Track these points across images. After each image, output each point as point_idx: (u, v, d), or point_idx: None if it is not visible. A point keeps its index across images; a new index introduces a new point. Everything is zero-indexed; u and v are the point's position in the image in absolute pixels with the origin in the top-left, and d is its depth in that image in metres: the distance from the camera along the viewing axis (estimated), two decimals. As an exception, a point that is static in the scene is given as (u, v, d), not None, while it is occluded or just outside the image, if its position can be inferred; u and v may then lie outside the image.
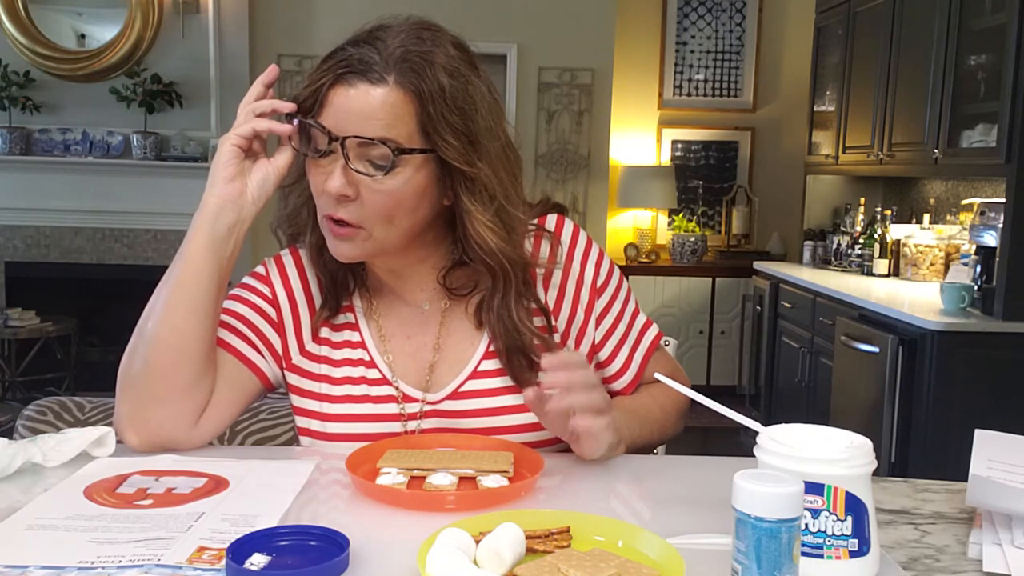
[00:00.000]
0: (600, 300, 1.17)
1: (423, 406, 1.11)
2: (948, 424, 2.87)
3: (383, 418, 1.11)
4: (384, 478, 0.94)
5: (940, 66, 3.35)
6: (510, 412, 1.10)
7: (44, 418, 1.59)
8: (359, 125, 0.97)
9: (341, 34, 1.04)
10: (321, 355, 1.14)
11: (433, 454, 1.00)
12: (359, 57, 0.98)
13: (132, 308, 4.84)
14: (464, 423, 1.10)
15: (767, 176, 5.51)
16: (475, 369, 1.11)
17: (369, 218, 1.01)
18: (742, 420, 0.89)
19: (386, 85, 0.97)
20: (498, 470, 0.96)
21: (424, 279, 1.14)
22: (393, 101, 0.97)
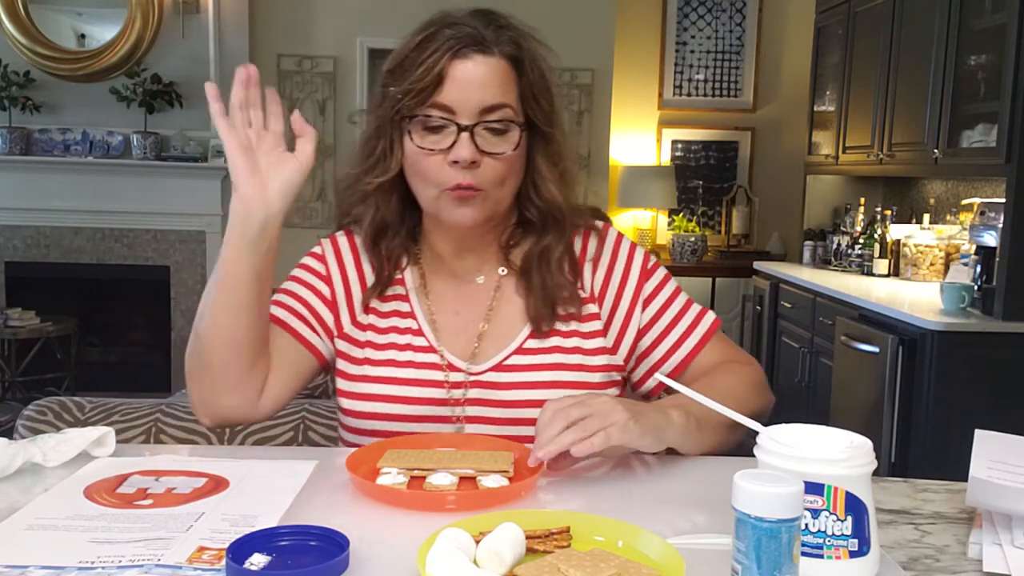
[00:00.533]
0: (648, 283, 1.22)
1: (467, 376, 1.15)
2: (948, 424, 2.87)
3: (426, 383, 1.15)
4: (384, 478, 0.94)
5: (940, 66, 3.35)
6: (550, 387, 1.13)
7: (44, 418, 1.59)
8: (481, 94, 1.06)
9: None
10: (368, 323, 1.19)
11: (433, 454, 1.00)
12: (468, 32, 1.07)
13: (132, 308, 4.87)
14: (504, 395, 1.14)
15: (767, 176, 5.51)
16: (520, 345, 1.16)
17: (488, 181, 1.09)
18: (742, 420, 0.89)
19: (495, 55, 1.08)
20: (498, 470, 0.96)
21: (484, 255, 1.20)
22: (503, 69, 1.08)
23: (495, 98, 1.07)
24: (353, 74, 4.91)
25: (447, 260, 1.21)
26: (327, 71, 4.88)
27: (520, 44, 1.10)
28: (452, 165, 1.07)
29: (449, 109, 1.07)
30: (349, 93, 4.93)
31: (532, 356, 1.15)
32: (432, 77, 1.06)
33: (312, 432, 1.64)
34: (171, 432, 1.62)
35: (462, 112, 1.07)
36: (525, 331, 1.17)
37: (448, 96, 1.06)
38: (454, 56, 1.06)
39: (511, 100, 1.09)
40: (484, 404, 1.14)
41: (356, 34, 4.85)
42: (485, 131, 1.08)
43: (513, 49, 1.09)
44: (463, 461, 0.98)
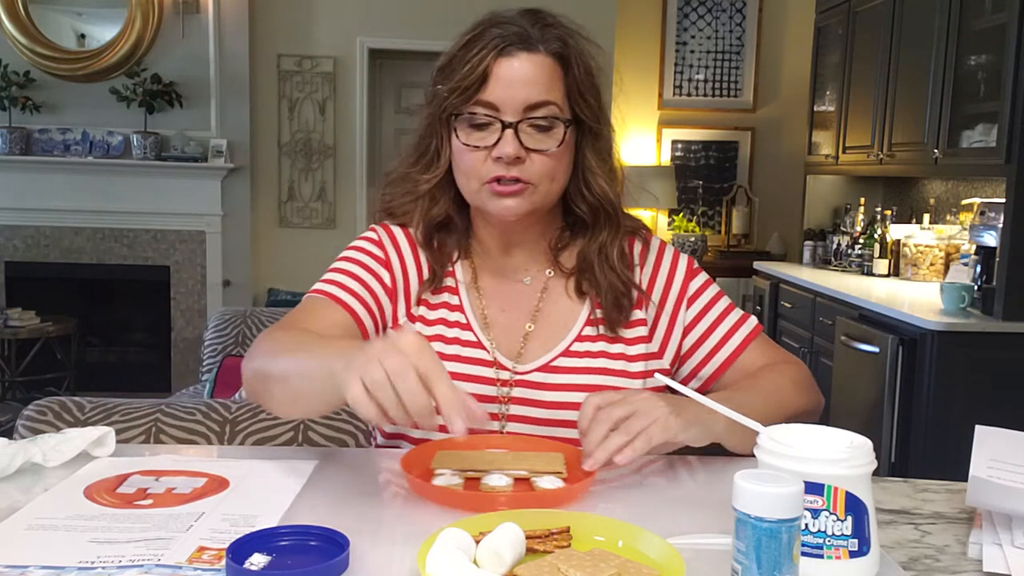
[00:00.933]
0: (693, 283, 1.23)
1: (512, 375, 1.15)
2: (948, 424, 2.87)
3: (473, 379, 1.15)
4: (439, 479, 0.94)
5: (940, 66, 3.35)
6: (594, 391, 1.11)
7: (44, 418, 1.59)
8: (525, 91, 1.07)
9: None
10: (417, 316, 1.19)
11: (484, 455, 1.00)
12: (514, 31, 1.08)
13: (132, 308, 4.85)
14: (548, 396, 1.14)
15: (767, 176, 5.51)
16: (567, 348, 1.16)
17: (537, 175, 1.10)
18: (742, 420, 0.89)
19: (541, 53, 1.09)
20: (551, 471, 0.95)
21: (532, 255, 1.21)
22: (549, 67, 1.09)
23: (539, 95, 1.08)
24: (353, 74, 4.91)
25: (495, 257, 1.21)
26: (327, 71, 4.88)
27: (566, 41, 1.11)
28: (496, 161, 1.08)
29: (493, 106, 1.08)
30: (349, 93, 4.93)
31: (578, 359, 1.16)
32: (477, 75, 1.07)
33: (312, 432, 1.64)
34: (171, 432, 1.62)
35: (506, 109, 1.07)
36: (574, 331, 1.17)
37: (492, 94, 1.07)
38: (499, 54, 1.07)
39: (556, 97, 1.09)
40: (528, 404, 1.14)
41: (356, 34, 4.85)
42: (530, 128, 1.08)
43: (559, 46, 1.10)
44: (515, 462, 0.98)
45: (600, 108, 1.15)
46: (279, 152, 4.95)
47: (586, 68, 1.13)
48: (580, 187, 1.16)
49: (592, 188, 1.16)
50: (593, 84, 1.14)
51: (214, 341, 3.16)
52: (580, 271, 1.19)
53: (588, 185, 1.16)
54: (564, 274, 1.20)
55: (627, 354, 1.17)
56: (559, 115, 1.10)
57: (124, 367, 5.03)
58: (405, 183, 1.20)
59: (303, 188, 4.99)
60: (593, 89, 1.14)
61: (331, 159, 4.97)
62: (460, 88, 1.08)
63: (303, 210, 4.99)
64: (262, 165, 4.94)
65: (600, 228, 1.18)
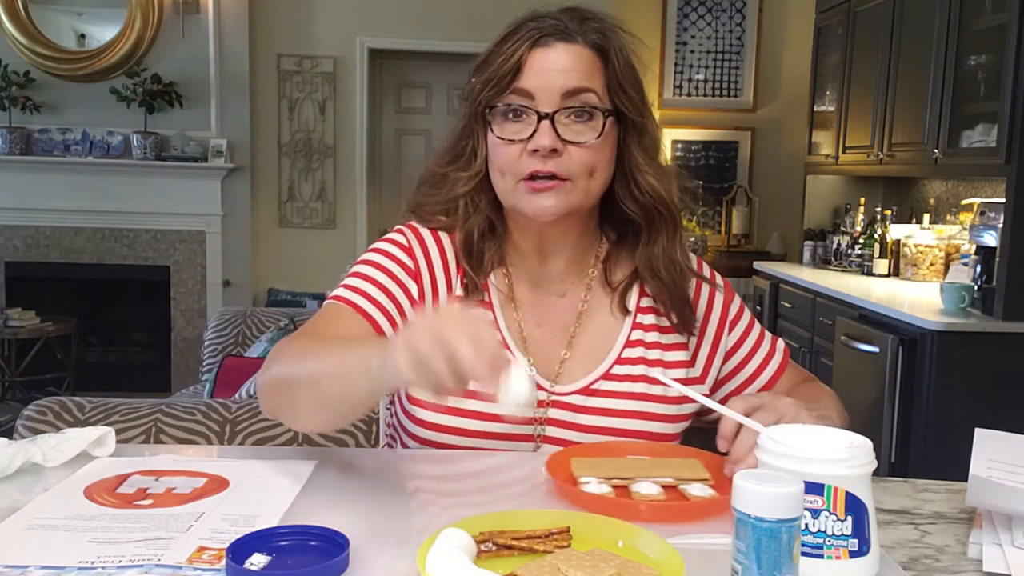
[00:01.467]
0: (732, 306, 1.21)
1: (549, 395, 1.10)
2: (948, 424, 2.87)
3: None
4: (588, 487, 0.92)
5: (940, 66, 3.35)
6: (633, 417, 1.10)
7: (44, 418, 1.59)
8: (562, 79, 1.04)
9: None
10: None
11: (625, 462, 0.99)
12: (551, 23, 1.05)
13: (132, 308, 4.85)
14: (587, 419, 1.10)
15: (767, 176, 5.51)
16: (608, 371, 1.12)
17: (575, 170, 1.05)
18: (743, 420, 0.89)
19: (578, 44, 1.05)
20: (698, 478, 0.94)
21: (570, 262, 1.16)
22: (586, 57, 1.05)
23: (577, 82, 1.04)
24: (353, 74, 4.91)
25: (532, 265, 1.16)
26: (327, 71, 4.88)
27: (606, 34, 1.07)
28: (532, 154, 1.04)
29: (529, 95, 1.04)
30: (349, 93, 4.93)
31: (619, 383, 1.11)
32: (511, 64, 1.04)
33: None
34: (171, 432, 1.62)
35: (542, 99, 1.04)
36: (613, 356, 1.13)
37: (528, 82, 1.04)
38: (535, 44, 1.04)
39: (596, 86, 1.05)
40: (565, 427, 1.10)
41: (356, 34, 4.85)
42: (567, 118, 1.04)
43: (598, 38, 1.06)
44: (657, 469, 0.96)
45: (643, 102, 1.10)
46: (279, 152, 4.95)
47: (627, 61, 1.08)
48: (629, 186, 1.10)
49: (641, 186, 1.10)
50: (635, 77, 1.09)
51: (214, 341, 3.16)
52: (640, 278, 1.14)
53: (637, 184, 1.10)
54: (608, 289, 1.15)
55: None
56: (598, 104, 1.05)
57: (124, 367, 5.03)
58: (442, 184, 1.14)
59: (303, 188, 4.99)
60: (635, 82, 1.09)
61: (331, 159, 4.97)
62: (495, 79, 1.05)
63: (303, 210, 4.99)
64: (262, 165, 4.94)
65: (657, 230, 1.12)
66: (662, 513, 0.88)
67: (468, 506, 0.93)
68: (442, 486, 1.03)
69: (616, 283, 1.15)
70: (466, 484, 1.03)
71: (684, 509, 0.88)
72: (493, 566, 0.71)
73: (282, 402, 0.99)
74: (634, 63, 1.09)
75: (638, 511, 0.87)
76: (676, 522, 0.85)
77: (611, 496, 0.91)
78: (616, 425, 1.09)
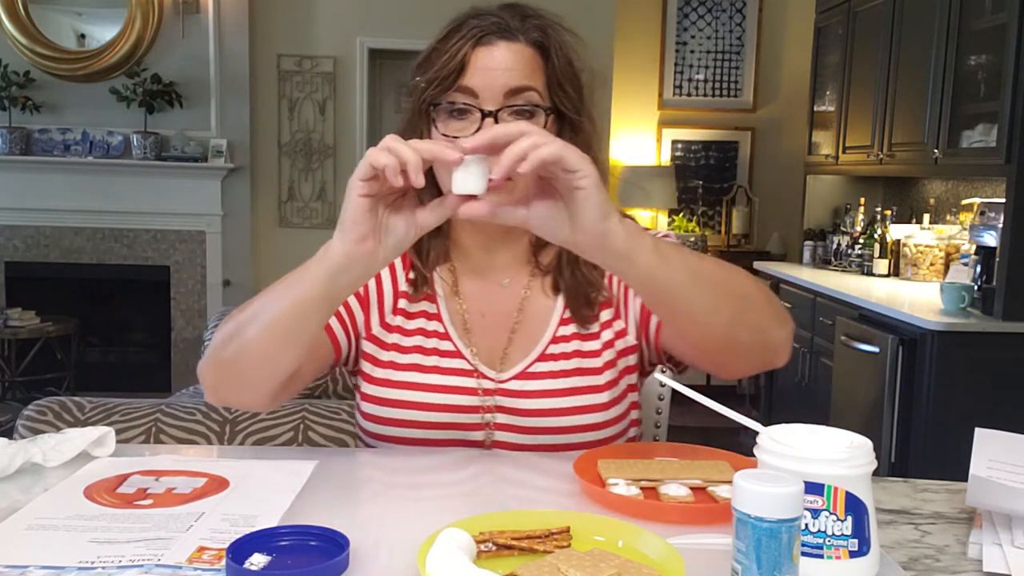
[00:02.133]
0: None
1: (495, 383, 1.13)
2: (948, 424, 2.87)
3: (455, 390, 1.13)
4: (616, 489, 0.92)
5: (940, 66, 3.35)
6: (572, 394, 1.12)
7: (44, 418, 1.59)
8: (505, 77, 1.05)
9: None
10: (395, 325, 1.17)
11: (652, 464, 0.99)
12: (493, 21, 1.07)
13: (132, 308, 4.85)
14: (529, 403, 1.12)
15: (767, 176, 5.51)
16: (543, 352, 1.14)
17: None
18: (742, 420, 0.89)
19: (520, 42, 1.07)
20: (727, 480, 0.94)
21: (514, 254, 1.18)
22: (528, 55, 1.07)
23: (519, 80, 1.05)
24: (353, 74, 4.91)
25: (476, 258, 1.18)
26: (327, 71, 4.88)
27: (546, 31, 1.10)
28: None
29: (473, 93, 1.05)
30: (349, 93, 4.93)
31: (554, 362, 1.14)
32: (455, 63, 1.05)
33: (312, 432, 1.64)
34: (171, 432, 1.62)
35: (486, 97, 1.05)
36: (547, 337, 1.15)
37: (471, 80, 1.05)
38: (477, 43, 1.06)
39: (537, 84, 1.07)
40: (511, 412, 1.12)
41: (356, 34, 4.85)
42: (510, 116, 1.06)
43: (539, 35, 1.09)
44: (686, 471, 0.97)
45: (581, 100, 1.12)
46: (279, 152, 4.95)
47: (567, 59, 1.10)
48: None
49: None
50: (574, 75, 1.11)
51: (214, 341, 3.15)
52: (557, 268, 1.17)
53: None
54: (542, 272, 1.18)
55: (595, 348, 1.15)
56: (540, 103, 1.07)
57: (124, 367, 5.03)
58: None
59: (303, 188, 4.99)
60: (574, 80, 1.11)
61: (331, 159, 4.97)
62: (438, 78, 1.06)
63: (303, 210, 4.99)
64: (262, 165, 4.94)
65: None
66: (692, 515, 0.88)
67: (469, 505, 0.93)
68: (442, 486, 1.03)
69: (545, 266, 1.18)
70: (467, 483, 1.03)
71: (714, 511, 0.88)
72: (493, 566, 0.71)
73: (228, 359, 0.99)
74: (573, 61, 1.11)
75: (668, 514, 0.88)
76: (706, 524, 0.85)
77: (640, 499, 0.91)
78: (555, 405, 1.11)
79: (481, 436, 1.13)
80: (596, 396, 1.12)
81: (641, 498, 0.91)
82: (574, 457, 1.01)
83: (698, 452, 1.05)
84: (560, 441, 1.12)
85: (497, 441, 1.13)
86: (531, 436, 1.12)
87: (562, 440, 1.12)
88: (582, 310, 1.15)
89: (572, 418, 1.11)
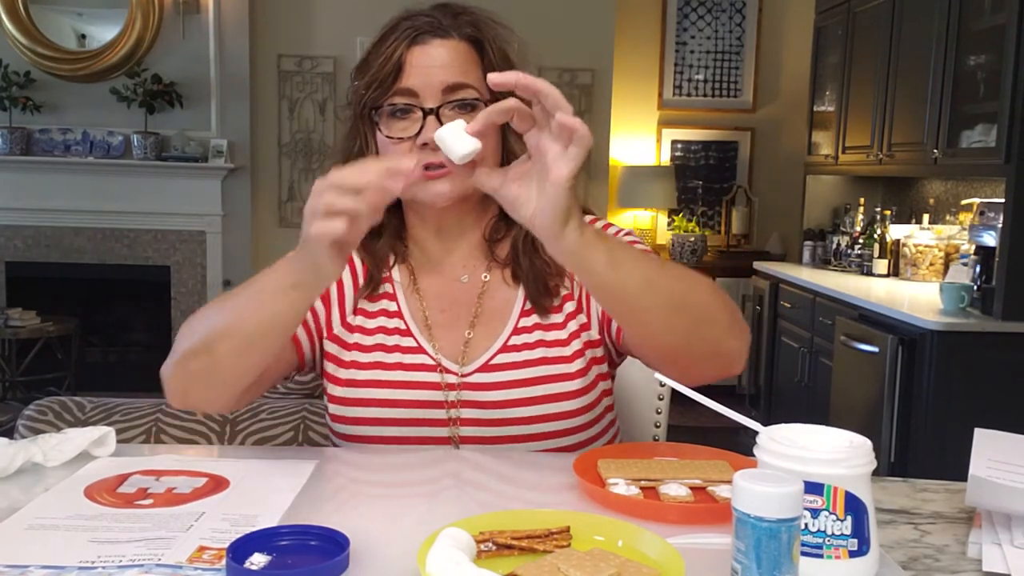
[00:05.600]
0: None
1: (458, 378, 1.14)
2: (948, 424, 2.87)
3: (418, 385, 1.13)
4: (616, 489, 0.92)
5: (940, 66, 3.35)
6: (535, 383, 1.12)
7: (44, 418, 1.59)
8: (442, 74, 1.07)
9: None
10: (356, 325, 1.18)
11: (651, 464, 1.00)
12: (425, 21, 1.09)
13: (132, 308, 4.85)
14: (493, 395, 1.12)
15: (767, 176, 5.51)
16: (505, 343, 1.15)
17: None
18: (742, 420, 0.89)
19: (454, 38, 1.10)
20: (727, 480, 0.94)
21: (469, 249, 1.20)
22: (463, 51, 1.10)
23: (456, 77, 1.08)
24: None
25: (433, 255, 1.20)
26: (327, 71, 4.88)
27: (479, 26, 1.12)
28: (422, 148, 1.06)
29: (412, 93, 1.07)
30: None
31: (516, 353, 1.14)
32: (392, 65, 1.07)
33: (312, 432, 1.64)
34: (171, 432, 1.62)
35: (426, 95, 1.07)
36: (508, 328, 1.15)
37: (409, 80, 1.07)
38: (412, 43, 1.08)
39: (474, 80, 1.09)
40: (476, 406, 1.13)
41: (356, 34, 4.85)
42: (451, 111, 1.07)
43: (472, 31, 1.11)
44: (685, 471, 0.97)
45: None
46: (279, 152, 4.95)
47: (502, 52, 1.13)
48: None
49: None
50: (510, 67, 1.12)
51: (214, 341, 3.16)
52: (512, 259, 1.18)
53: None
54: (499, 265, 1.19)
55: (562, 338, 1.15)
56: (478, 97, 1.08)
57: (124, 367, 5.02)
58: None
59: (303, 188, 4.98)
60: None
61: (331, 159, 4.97)
62: (376, 81, 1.08)
63: (304, 210, 4.99)
64: (262, 165, 4.94)
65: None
66: (692, 515, 0.88)
67: (469, 505, 0.93)
68: (442, 486, 1.03)
69: (503, 258, 1.19)
70: (467, 483, 1.03)
71: (713, 511, 0.88)
72: (493, 566, 0.71)
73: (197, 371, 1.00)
74: (509, 53, 1.13)
75: (668, 514, 0.88)
76: (706, 524, 0.85)
77: (640, 499, 0.91)
78: (521, 395, 1.12)
79: (447, 432, 1.13)
80: (566, 384, 1.13)
81: (641, 498, 0.91)
82: (574, 457, 1.01)
83: (698, 452, 1.05)
84: (529, 431, 1.12)
85: (464, 436, 1.13)
86: (497, 428, 1.12)
87: (531, 430, 1.12)
88: (542, 299, 1.16)
89: (540, 407, 1.12)
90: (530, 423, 1.12)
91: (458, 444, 1.14)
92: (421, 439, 1.13)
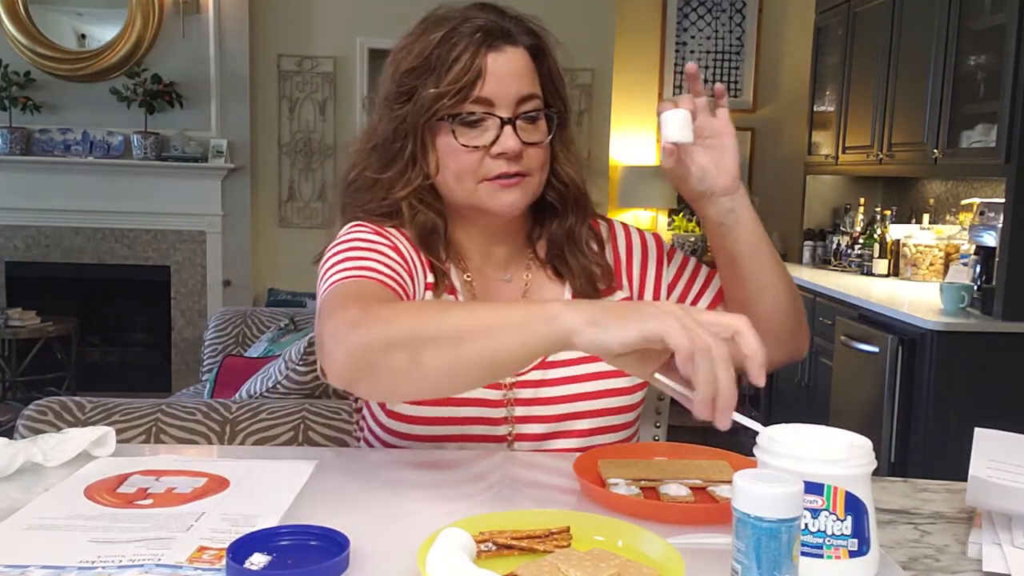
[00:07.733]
0: (666, 247, 1.27)
1: (513, 376, 1.14)
2: (948, 424, 2.87)
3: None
4: (616, 489, 0.92)
5: (940, 66, 3.35)
6: (593, 379, 1.14)
7: (44, 418, 1.59)
8: (516, 85, 1.08)
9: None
10: None
11: (651, 464, 1.00)
12: (493, 24, 1.08)
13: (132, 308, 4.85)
14: (550, 391, 1.13)
15: (767, 176, 5.51)
16: None
17: (533, 167, 1.11)
18: (742, 420, 0.89)
19: (520, 46, 1.10)
20: (727, 480, 0.94)
21: (512, 250, 1.21)
22: (528, 60, 1.10)
23: (527, 88, 1.09)
24: (353, 74, 4.91)
25: (475, 260, 1.19)
26: (327, 71, 4.88)
27: (537, 34, 1.13)
28: (496, 158, 1.08)
29: (489, 102, 1.07)
30: (349, 93, 4.93)
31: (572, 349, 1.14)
32: (472, 73, 1.05)
33: (312, 432, 1.64)
34: (171, 432, 1.62)
35: (501, 105, 1.07)
36: None
37: (487, 90, 1.06)
38: (488, 49, 1.06)
39: (538, 90, 1.11)
40: (532, 403, 1.13)
41: (356, 34, 4.85)
42: (521, 123, 1.09)
43: (532, 39, 1.11)
44: (685, 471, 0.97)
45: (567, 99, 1.17)
46: (279, 152, 4.95)
47: (554, 59, 1.14)
48: (550, 175, 1.17)
49: (560, 176, 1.17)
50: (560, 74, 1.15)
51: (214, 341, 3.16)
52: (553, 256, 1.20)
53: (556, 173, 1.17)
54: (540, 264, 1.21)
55: None
56: (541, 107, 1.11)
57: (124, 367, 5.03)
58: (374, 191, 1.14)
59: (303, 188, 4.99)
60: (561, 79, 1.15)
61: (331, 159, 4.97)
62: (454, 89, 1.05)
63: (303, 210, 4.99)
64: (262, 165, 4.94)
65: (568, 213, 1.19)
66: (692, 515, 0.88)
67: (469, 505, 0.93)
68: (442, 485, 1.03)
69: (543, 257, 1.21)
70: (468, 483, 1.03)
71: (713, 511, 0.88)
72: (493, 566, 0.71)
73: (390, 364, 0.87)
74: (559, 60, 1.16)
75: (668, 514, 0.88)
76: (706, 524, 0.85)
77: (640, 499, 0.91)
78: (581, 390, 1.13)
79: (505, 430, 1.13)
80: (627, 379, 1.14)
81: (641, 498, 0.91)
82: (574, 457, 1.01)
83: (698, 452, 1.05)
84: (583, 427, 1.13)
85: (520, 434, 1.13)
86: (555, 424, 1.13)
87: (585, 425, 1.13)
88: (589, 294, 1.17)
89: (596, 402, 1.13)
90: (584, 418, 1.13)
91: (513, 442, 1.14)
92: (478, 437, 1.13)
